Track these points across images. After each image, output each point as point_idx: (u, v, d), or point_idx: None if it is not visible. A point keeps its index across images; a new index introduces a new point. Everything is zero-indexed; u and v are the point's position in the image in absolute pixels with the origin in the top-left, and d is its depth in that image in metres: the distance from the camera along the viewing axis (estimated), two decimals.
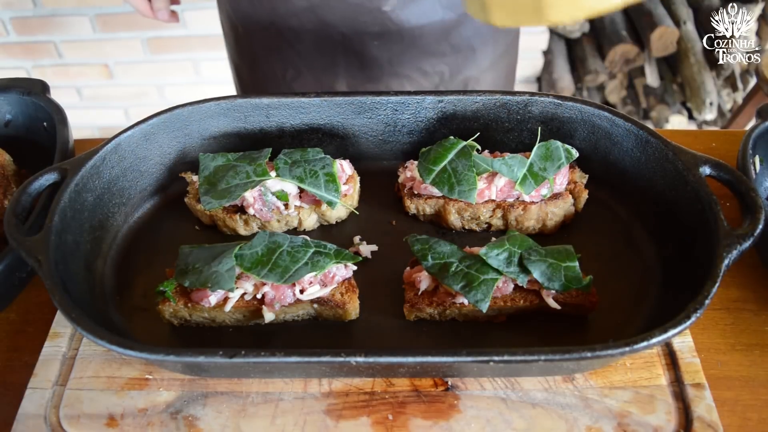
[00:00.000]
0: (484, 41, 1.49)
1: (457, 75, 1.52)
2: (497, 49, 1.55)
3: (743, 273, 1.05)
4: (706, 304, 0.80)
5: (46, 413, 0.89)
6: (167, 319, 0.98)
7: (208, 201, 1.07)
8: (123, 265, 1.07)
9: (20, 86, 1.22)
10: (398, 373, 0.90)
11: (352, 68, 1.47)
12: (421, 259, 0.96)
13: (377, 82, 1.49)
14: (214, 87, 3.07)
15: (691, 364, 0.91)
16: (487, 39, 1.50)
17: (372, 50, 1.42)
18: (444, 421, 0.87)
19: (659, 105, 2.98)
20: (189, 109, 1.15)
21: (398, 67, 1.46)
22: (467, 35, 1.45)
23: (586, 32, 3.11)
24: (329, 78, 1.50)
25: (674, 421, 0.86)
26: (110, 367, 0.94)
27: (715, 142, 1.31)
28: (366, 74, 1.48)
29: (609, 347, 0.77)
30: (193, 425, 0.88)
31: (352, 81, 1.50)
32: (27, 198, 0.96)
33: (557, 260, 0.94)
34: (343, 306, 0.96)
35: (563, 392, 0.89)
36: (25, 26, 2.88)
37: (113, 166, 1.08)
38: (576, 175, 1.14)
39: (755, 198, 0.91)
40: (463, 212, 1.10)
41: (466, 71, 1.52)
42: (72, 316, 0.81)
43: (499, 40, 1.54)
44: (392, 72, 1.47)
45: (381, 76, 1.48)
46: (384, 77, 1.48)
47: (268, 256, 0.94)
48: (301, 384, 0.92)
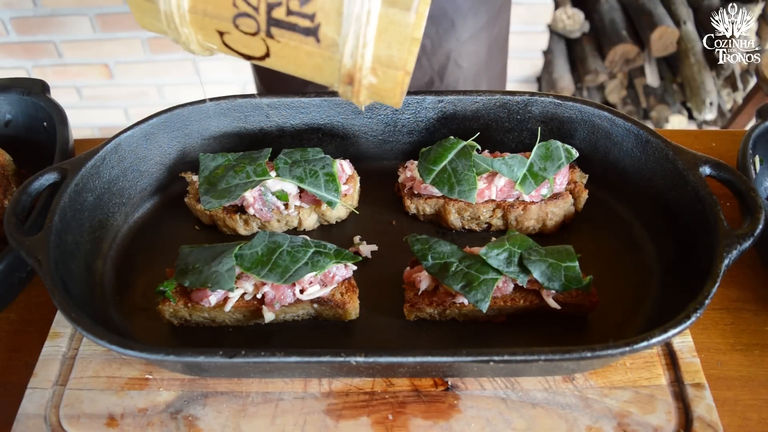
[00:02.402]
0: (462, 14, 1.51)
1: (439, 48, 1.54)
2: (478, 21, 1.57)
3: (743, 273, 1.05)
4: (706, 304, 0.80)
5: (46, 413, 0.89)
6: (167, 319, 0.98)
7: (208, 201, 1.07)
8: (123, 265, 1.07)
9: (20, 86, 1.22)
10: (398, 373, 0.90)
11: None
12: (421, 259, 0.96)
13: None
14: (214, 87, 3.07)
15: (691, 364, 0.91)
16: (465, 11, 1.52)
17: None
18: (444, 421, 0.87)
19: (659, 105, 2.98)
20: (189, 109, 1.15)
21: None
22: (443, 6, 1.47)
23: (586, 32, 3.11)
24: None
25: (674, 421, 0.86)
26: (110, 367, 0.94)
27: (715, 142, 1.31)
28: None
29: (609, 347, 0.77)
30: (193, 425, 0.88)
31: None
32: (27, 198, 0.96)
33: (557, 260, 0.94)
34: (343, 306, 0.96)
35: (563, 392, 0.89)
36: (25, 26, 2.88)
37: (113, 166, 1.08)
38: (576, 175, 1.14)
39: (755, 198, 0.91)
40: (463, 212, 1.10)
41: (447, 44, 1.54)
42: (72, 316, 0.81)
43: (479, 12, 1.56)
44: None
45: None
46: None
47: (268, 256, 0.94)
48: (301, 384, 0.92)
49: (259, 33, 0.68)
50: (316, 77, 0.73)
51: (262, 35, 0.68)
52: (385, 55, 0.66)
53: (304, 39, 0.67)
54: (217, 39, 0.71)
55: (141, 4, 0.70)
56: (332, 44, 0.66)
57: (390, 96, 0.71)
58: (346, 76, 0.68)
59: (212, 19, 0.69)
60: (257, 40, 0.69)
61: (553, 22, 3.00)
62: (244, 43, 0.70)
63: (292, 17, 0.65)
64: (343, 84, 0.70)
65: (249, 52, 0.72)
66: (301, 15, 0.65)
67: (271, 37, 0.68)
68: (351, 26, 0.64)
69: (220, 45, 0.72)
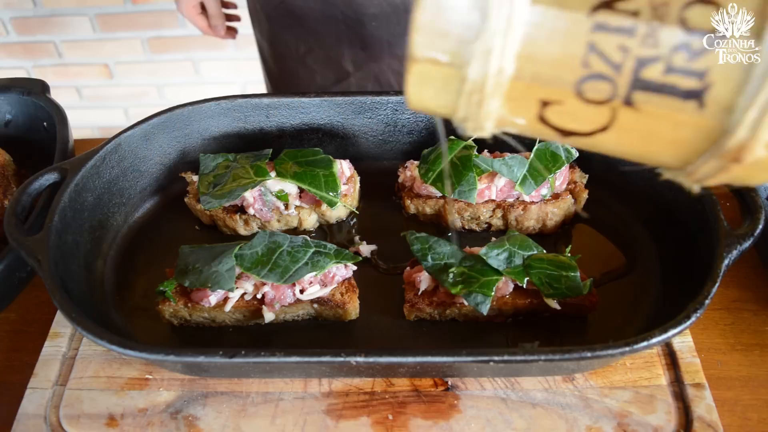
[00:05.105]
0: None
1: None
2: None
3: (743, 273, 1.05)
4: (706, 304, 0.80)
5: (46, 413, 0.89)
6: (167, 319, 0.98)
7: (208, 201, 1.07)
8: (123, 265, 1.07)
9: (20, 86, 1.22)
10: (398, 373, 0.90)
11: (354, 47, 1.50)
12: (421, 259, 0.96)
13: (379, 61, 1.51)
14: (214, 87, 3.07)
15: (691, 364, 0.91)
16: None
17: (372, 31, 1.45)
18: (444, 421, 0.87)
19: None
20: (189, 109, 1.15)
21: (397, 48, 1.48)
22: None
23: None
24: (337, 55, 1.53)
25: (674, 421, 0.86)
26: (110, 367, 0.94)
27: None
28: (368, 53, 1.50)
29: (609, 347, 0.77)
30: (193, 425, 0.88)
31: (356, 59, 1.52)
32: (27, 198, 0.96)
33: (557, 269, 0.94)
34: (343, 306, 0.96)
35: (563, 392, 0.89)
36: (25, 26, 2.88)
37: (113, 166, 1.08)
38: (576, 175, 1.14)
39: (755, 198, 0.91)
40: (463, 212, 1.10)
41: None
42: (72, 316, 0.81)
43: None
44: (392, 53, 1.49)
45: (382, 57, 1.50)
46: (385, 57, 1.50)
47: (268, 256, 0.94)
48: (301, 384, 0.92)
49: (611, 100, 0.52)
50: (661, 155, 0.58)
51: (615, 102, 0.52)
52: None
53: (680, 104, 0.51)
54: (532, 112, 0.55)
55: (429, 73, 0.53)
56: (723, 109, 0.51)
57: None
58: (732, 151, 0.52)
59: (542, 87, 0.53)
60: (602, 109, 0.53)
61: None
62: (576, 116, 0.54)
63: (671, 76, 0.50)
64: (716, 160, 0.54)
65: (576, 127, 0.56)
66: (686, 73, 0.50)
67: (628, 105, 0.52)
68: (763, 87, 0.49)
69: (532, 120, 0.55)
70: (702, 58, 0.49)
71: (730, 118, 0.50)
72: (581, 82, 0.51)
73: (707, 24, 0.47)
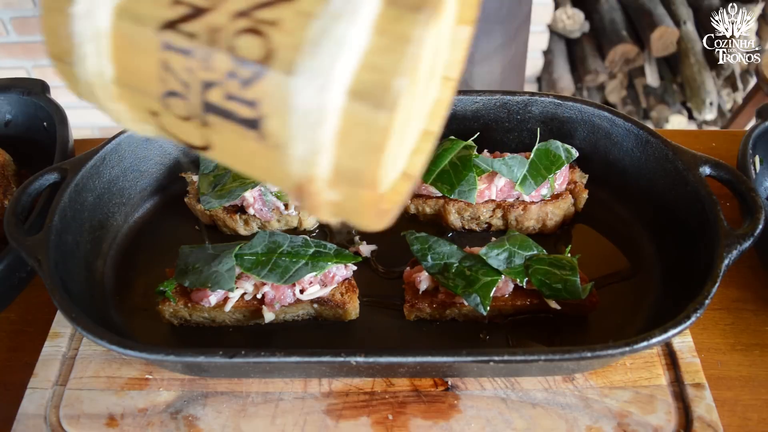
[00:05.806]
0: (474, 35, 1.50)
1: None
2: (491, 42, 1.54)
3: (743, 273, 1.05)
4: (706, 304, 0.80)
5: (46, 413, 0.89)
6: (167, 319, 0.98)
7: (208, 201, 1.07)
8: (123, 265, 1.07)
9: (20, 86, 1.22)
10: (398, 373, 0.90)
11: None
12: (421, 259, 0.96)
13: None
14: None
15: (691, 364, 0.91)
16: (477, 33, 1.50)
17: None
18: (444, 421, 0.87)
19: (659, 105, 2.98)
20: None
21: None
22: None
23: (586, 32, 3.11)
24: None
25: (674, 421, 0.86)
26: (110, 367, 0.94)
27: (715, 142, 1.31)
28: None
29: (609, 347, 0.77)
30: (193, 425, 0.88)
31: None
32: (27, 198, 0.96)
33: (558, 271, 0.94)
34: (343, 306, 0.96)
35: (563, 392, 0.89)
36: (25, 26, 2.88)
37: (113, 166, 1.08)
38: (576, 175, 1.14)
39: (755, 198, 0.91)
40: (463, 212, 1.10)
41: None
42: (72, 316, 0.81)
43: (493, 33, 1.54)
44: None
45: None
46: None
47: (268, 256, 0.94)
48: (301, 384, 0.92)
49: (192, 119, 0.50)
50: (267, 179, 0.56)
51: (195, 122, 0.51)
52: (348, 168, 0.46)
53: (244, 132, 0.48)
54: (151, 121, 0.54)
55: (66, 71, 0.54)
56: (279, 144, 0.47)
57: (359, 217, 0.52)
58: (295, 188, 0.49)
59: (140, 96, 0.52)
60: (193, 126, 0.51)
61: (553, 22, 2.99)
62: (181, 129, 0.53)
63: (231, 102, 0.47)
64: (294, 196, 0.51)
65: (189, 140, 0.54)
66: (241, 101, 0.47)
67: (206, 126, 0.50)
68: (301, 122, 0.45)
69: (158, 127, 0.55)
70: (251, 88, 0.47)
71: (285, 153, 0.47)
72: (165, 97, 0.50)
73: (255, 53, 0.45)
